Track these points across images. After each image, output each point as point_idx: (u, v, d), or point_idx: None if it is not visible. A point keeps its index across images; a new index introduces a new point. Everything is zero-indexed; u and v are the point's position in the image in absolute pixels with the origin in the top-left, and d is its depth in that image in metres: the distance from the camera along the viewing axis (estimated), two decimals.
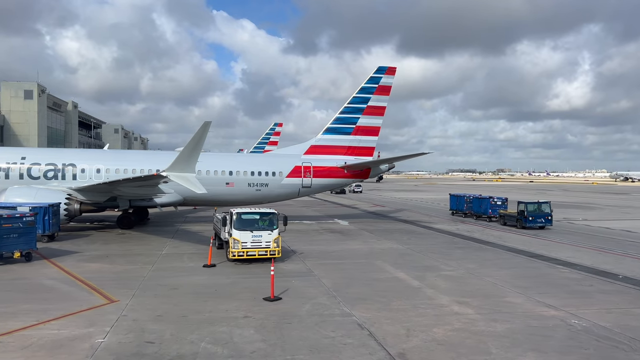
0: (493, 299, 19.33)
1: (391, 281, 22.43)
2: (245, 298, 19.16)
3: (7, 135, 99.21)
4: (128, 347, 13.75)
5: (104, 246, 31.60)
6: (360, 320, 16.33)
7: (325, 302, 18.62)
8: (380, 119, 48.37)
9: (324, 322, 16.20)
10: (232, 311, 17.37)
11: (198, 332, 15.09)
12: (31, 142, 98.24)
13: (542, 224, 42.75)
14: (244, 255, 25.74)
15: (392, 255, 29.06)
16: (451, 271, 24.72)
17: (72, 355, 13.12)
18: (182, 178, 29.00)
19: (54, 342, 14.10)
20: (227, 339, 14.53)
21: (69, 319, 16.24)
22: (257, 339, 14.50)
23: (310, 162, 46.08)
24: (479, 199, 51.29)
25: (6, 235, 24.86)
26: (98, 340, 14.27)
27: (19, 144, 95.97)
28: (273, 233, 26.26)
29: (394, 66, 48.49)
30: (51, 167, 40.42)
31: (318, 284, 21.59)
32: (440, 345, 14.15)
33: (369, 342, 14.35)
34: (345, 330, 15.30)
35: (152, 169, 41.59)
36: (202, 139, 28.62)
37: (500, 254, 30.29)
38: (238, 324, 15.88)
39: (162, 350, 13.54)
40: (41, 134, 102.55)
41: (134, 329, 15.26)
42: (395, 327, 15.65)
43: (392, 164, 49.49)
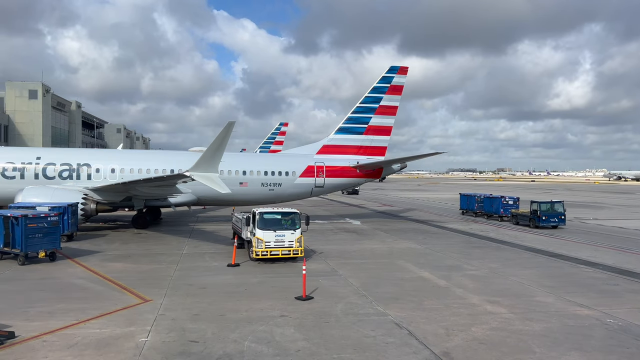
0: (523, 298, 19.42)
1: (418, 281, 22.52)
2: (277, 297, 19.23)
3: (11, 135, 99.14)
4: (173, 346, 13.84)
5: (124, 246, 31.68)
6: (396, 320, 16.43)
7: (358, 302, 18.71)
8: (392, 119, 48.47)
9: (361, 321, 16.29)
10: (267, 310, 17.46)
11: (239, 331, 15.18)
12: (36, 142, 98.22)
13: (556, 224, 42.85)
14: (268, 255, 25.85)
15: (412, 255, 29.15)
16: (475, 271, 24.81)
17: (120, 354, 13.21)
18: (206, 178, 29.10)
19: (98, 341, 14.20)
20: (269, 337, 14.62)
21: (107, 318, 16.34)
22: (299, 338, 14.59)
23: (322, 161, 46.18)
24: (490, 198, 51.38)
25: (31, 235, 24.95)
26: (142, 339, 14.36)
27: (23, 143, 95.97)
28: (296, 233, 26.37)
29: (406, 66, 48.59)
30: (66, 167, 40.50)
31: (346, 284, 21.68)
32: (482, 344, 14.25)
33: (410, 341, 14.44)
34: (384, 330, 15.39)
35: (167, 169, 41.86)
36: (225, 139, 28.73)
37: (520, 253, 30.38)
38: (277, 323, 15.97)
39: (207, 350, 13.63)
40: (46, 134, 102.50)
41: (175, 328, 15.35)
42: (433, 327, 15.74)
43: (404, 164, 49.38)
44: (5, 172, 39.51)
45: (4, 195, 38.99)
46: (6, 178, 39.51)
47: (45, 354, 13.14)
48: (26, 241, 24.70)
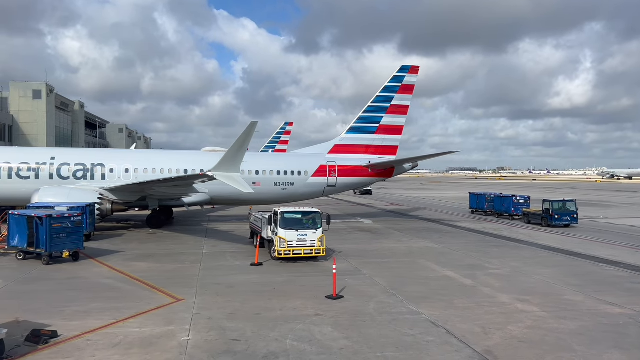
0: (552, 297, 19.55)
1: (443, 280, 22.65)
2: (308, 296, 19.35)
3: (15, 135, 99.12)
4: (216, 345, 13.96)
5: (143, 245, 31.80)
6: (431, 319, 16.55)
7: (389, 301, 18.83)
8: (403, 118, 48.59)
9: (396, 320, 16.41)
10: (301, 309, 17.58)
11: (278, 329, 15.30)
12: (40, 142, 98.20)
13: (568, 222, 43.00)
14: (290, 254, 25.97)
15: (432, 254, 29.28)
16: (497, 270, 24.94)
17: (166, 353, 13.33)
18: (228, 178, 29.23)
19: (141, 340, 14.32)
20: (309, 336, 14.74)
21: (144, 318, 16.46)
22: (339, 337, 14.71)
23: (335, 161, 46.30)
24: (501, 197, 51.52)
25: (56, 235, 25.07)
26: (184, 338, 14.49)
27: (27, 144, 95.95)
28: (317, 232, 26.51)
29: (417, 65, 48.68)
30: (80, 167, 40.59)
31: (372, 283, 21.80)
32: (521, 342, 14.37)
33: (450, 339, 14.56)
34: (421, 329, 15.52)
35: (181, 169, 42.01)
36: (247, 139, 28.86)
37: (538, 252, 30.52)
38: (313, 322, 16.09)
39: (251, 348, 13.75)
40: (50, 134, 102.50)
41: (214, 327, 15.47)
42: (469, 325, 15.86)
43: (415, 163, 49.50)
44: (20, 172, 39.61)
45: (18, 195, 39.08)
46: (21, 178, 39.61)
47: (92, 353, 13.26)
48: (51, 241, 24.83)
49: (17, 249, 26.20)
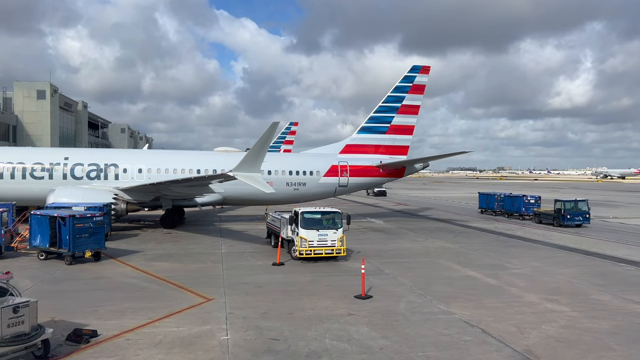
0: (579, 296, 19.65)
1: (467, 279, 22.73)
2: (336, 296, 19.44)
3: (20, 135, 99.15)
4: (256, 344, 14.05)
5: (160, 245, 31.86)
6: (464, 318, 16.64)
7: (418, 301, 18.92)
8: (414, 118, 48.66)
9: (430, 320, 16.50)
10: (332, 309, 17.67)
11: (314, 329, 15.38)
12: (44, 142, 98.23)
13: (580, 222, 43.13)
14: (312, 254, 26.05)
15: (450, 254, 29.36)
16: (519, 269, 25.03)
17: (209, 353, 13.42)
18: (249, 178, 29.31)
19: (181, 339, 14.41)
20: (346, 335, 14.83)
21: (179, 317, 16.54)
22: (377, 336, 14.79)
23: (346, 161, 46.38)
24: (511, 197, 51.63)
25: (78, 235, 25.14)
26: (223, 337, 14.57)
27: (31, 144, 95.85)
28: (338, 232, 26.59)
29: (428, 65, 48.76)
30: (94, 168, 40.68)
31: (397, 283, 21.88)
32: (559, 342, 14.46)
33: (487, 339, 14.65)
34: (457, 328, 15.60)
35: (194, 169, 42.12)
36: (269, 139, 28.96)
37: (555, 252, 30.62)
38: (348, 322, 16.17)
39: (292, 347, 13.83)
40: (54, 134, 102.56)
41: (250, 327, 15.55)
42: (503, 325, 15.95)
43: (426, 163, 49.59)
44: (34, 172, 39.68)
45: (32, 195, 39.16)
46: (35, 178, 39.68)
47: (135, 352, 13.34)
48: (74, 241, 24.89)
49: (39, 249, 26.27)
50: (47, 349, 12.72)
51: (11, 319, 11.75)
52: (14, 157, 40.22)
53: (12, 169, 39.40)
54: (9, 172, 39.32)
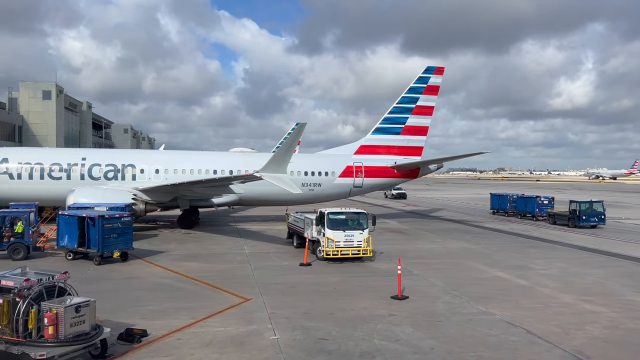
0: (614, 297, 19.76)
1: (497, 280, 22.84)
2: (372, 297, 19.55)
3: (25, 135, 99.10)
4: (307, 344, 14.15)
5: (183, 246, 31.96)
6: (505, 319, 16.75)
7: (454, 301, 19.03)
8: (428, 119, 48.81)
9: (472, 320, 16.60)
10: (372, 309, 17.77)
11: (360, 329, 15.49)
12: (49, 143, 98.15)
13: (595, 223, 43.26)
14: (338, 255, 26.15)
15: (473, 255, 29.48)
16: (546, 270, 25.14)
17: (262, 352, 13.53)
18: (276, 178, 29.44)
19: (230, 339, 14.52)
20: (393, 336, 14.93)
21: (222, 317, 16.65)
22: (424, 336, 14.89)
23: (361, 162, 46.50)
24: (524, 198, 51.76)
25: (107, 235, 25.23)
26: (272, 337, 14.69)
27: (37, 144, 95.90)
28: (364, 233, 26.70)
29: (442, 66, 48.95)
30: (111, 168, 40.78)
31: (429, 283, 21.99)
32: (606, 343, 14.58)
33: (534, 339, 14.76)
34: (501, 329, 15.71)
35: (210, 170, 42.26)
36: (296, 140, 29.08)
37: (576, 253, 30.74)
38: (391, 322, 16.27)
39: (343, 347, 13.94)
40: (59, 135, 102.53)
41: (296, 327, 15.66)
42: (546, 326, 16.05)
43: (440, 164, 49.73)
44: (52, 173, 39.77)
45: (50, 195, 39.30)
46: (53, 179, 39.77)
47: (190, 352, 13.44)
48: (103, 241, 24.97)
49: (67, 249, 26.35)
50: (105, 348, 12.82)
51: (73, 318, 11.86)
52: (32, 158, 40.32)
53: (31, 169, 39.49)
54: (27, 172, 39.42)
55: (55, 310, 11.61)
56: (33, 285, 12.04)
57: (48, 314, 11.54)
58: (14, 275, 12.81)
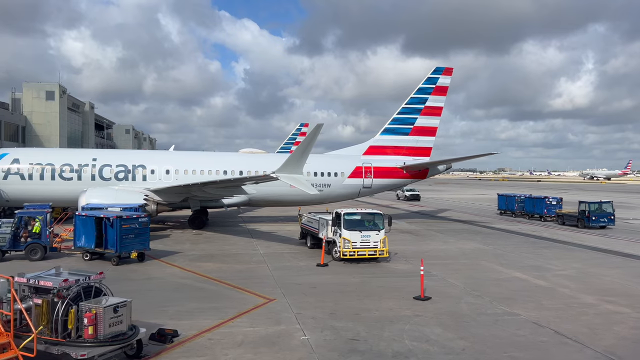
0: (635, 298, 19.84)
1: (515, 281, 22.89)
2: (395, 297, 19.62)
3: (29, 136, 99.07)
4: (338, 344, 14.21)
5: (196, 246, 31.99)
6: (531, 319, 16.81)
7: (477, 302, 19.08)
8: (437, 119, 48.88)
9: (498, 321, 16.67)
10: (397, 310, 17.82)
11: (388, 329, 15.55)
12: (52, 143, 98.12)
13: (605, 224, 43.33)
14: (355, 255, 26.20)
15: (488, 256, 29.53)
16: (563, 271, 25.20)
17: (295, 352, 13.58)
18: (292, 179, 29.50)
19: (261, 338, 14.59)
20: (423, 336, 14.98)
21: (249, 317, 16.71)
22: (453, 337, 14.95)
23: (370, 162, 46.56)
24: (532, 198, 51.83)
25: (125, 235, 25.27)
26: (302, 337, 14.75)
27: (40, 144, 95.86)
28: (380, 233, 26.76)
29: (450, 67, 48.98)
30: (122, 169, 40.83)
31: (448, 284, 22.04)
32: (635, 343, 14.69)
33: (563, 340, 14.82)
34: (529, 329, 15.77)
35: (220, 170, 42.35)
36: (313, 141, 29.12)
37: (589, 253, 30.82)
38: (418, 322, 16.33)
39: (375, 347, 14.01)
40: (62, 135, 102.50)
41: (325, 327, 15.72)
42: (573, 326, 16.11)
43: (449, 165, 49.79)
44: (63, 173, 39.81)
45: (61, 196, 39.36)
46: (64, 179, 39.81)
47: (223, 352, 13.51)
48: (121, 242, 25.02)
49: (84, 250, 26.39)
50: (140, 348, 12.87)
51: (112, 318, 11.92)
52: (43, 158, 40.36)
53: (42, 169, 39.52)
54: (39, 173, 39.47)
55: (94, 311, 11.66)
56: (71, 285, 12.08)
57: (88, 314, 11.59)
58: (49, 275, 12.86)
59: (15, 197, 39.65)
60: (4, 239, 25.69)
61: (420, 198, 79.57)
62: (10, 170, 39.08)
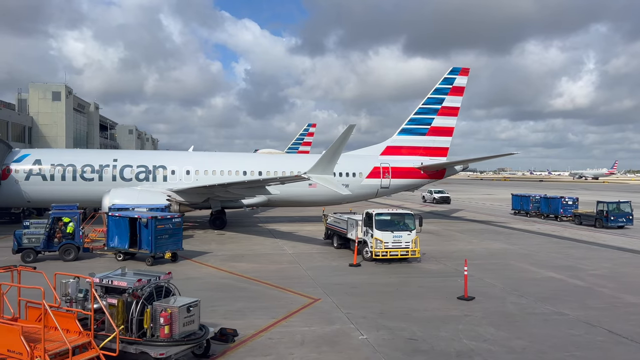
0: None
1: (552, 281, 23.00)
2: (438, 297, 19.73)
3: (35, 136, 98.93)
4: (398, 344, 14.33)
5: (224, 246, 32.06)
6: (581, 319, 16.93)
7: (521, 302, 19.19)
8: (454, 120, 49.00)
9: (547, 320, 16.78)
10: (445, 310, 17.92)
11: (443, 329, 15.65)
12: (59, 144, 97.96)
13: (623, 224, 43.47)
14: (387, 255, 26.30)
15: (515, 256, 29.64)
16: (595, 270, 25.32)
17: (358, 351, 13.71)
18: (323, 179, 29.60)
19: (320, 338, 14.70)
20: (479, 336, 15.09)
21: (300, 317, 16.82)
22: (510, 336, 15.05)
23: (388, 162, 46.67)
24: (548, 198, 51.96)
25: (159, 236, 25.35)
26: (360, 337, 14.85)
27: (46, 145, 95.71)
28: (412, 234, 26.85)
29: (467, 67, 49.10)
30: (142, 169, 40.90)
31: (486, 284, 22.14)
32: None
33: (620, 340, 14.95)
34: (582, 329, 15.88)
35: (240, 171, 42.52)
36: (344, 141, 29.21)
37: (617, 253, 30.94)
38: (470, 322, 16.43)
39: (436, 347, 14.11)
40: (68, 136, 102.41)
41: (378, 327, 15.83)
42: (624, 325, 16.23)
43: (466, 165, 49.92)
44: (84, 174, 39.87)
45: (82, 196, 39.32)
46: (85, 180, 39.87)
47: (288, 351, 13.61)
48: (156, 242, 25.09)
49: (117, 250, 26.47)
50: (209, 348, 12.95)
51: (186, 318, 12.01)
52: (64, 159, 40.41)
53: (63, 170, 39.57)
54: (60, 173, 39.51)
55: (170, 310, 11.75)
56: (145, 285, 12.17)
57: (163, 313, 11.68)
58: (117, 275, 12.95)
59: (36, 198, 39.77)
60: (38, 239, 25.74)
61: (450, 200, 73.04)
62: (32, 171, 39.14)
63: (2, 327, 10.74)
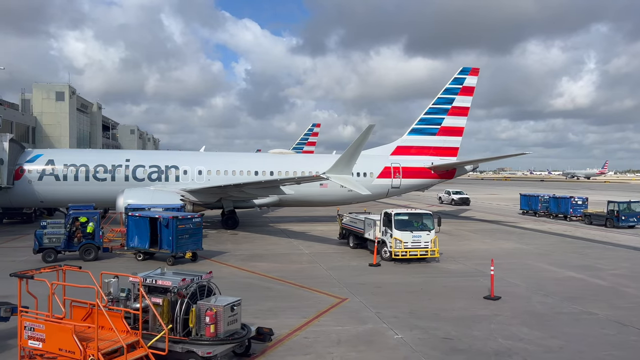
0: None
1: (574, 280, 23.08)
2: (465, 297, 19.79)
3: (39, 136, 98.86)
4: (434, 343, 14.39)
5: (240, 246, 32.09)
6: (611, 318, 17.01)
7: (548, 301, 19.27)
8: (464, 119, 49.05)
9: (578, 320, 16.86)
10: (473, 309, 17.98)
11: (476, 329, 15.72)
12: (62, 144, 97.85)
13: (634, 224, 43.56)
14: (407, 255, 26.36)
15: (531, 255, 29.72)
16: (615, 270, 25.41)
17: (396, 351, 13.78)
18: (342, 179, 29.64)
19: (356, 337, 14.78)
20: (514, 335, 15.16)
21: (331, 316, 16.90)
22: (544, 336, 15.11)
23: (398, 162, 46.72)
24: (557, 198, 52.04)
25: (180, 236, 25.39)
26: (395, 336, 14.90)
27: (50, 145, 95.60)
28: (431, 234, 26.91)
29: (477, 67, 49.18)
30: (155, 169, 40.95)
31: (510, 284, 22.20)
32: None
33: None
34: (614, 329, 15.96)
35: (252, 171, 42.56)
36: (364, 141, 29.26)
37: (633, 253, 31.11)
38: (502, 322, 16.50)
39: (474, 346, 14.18)
40: (72, 136, 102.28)
41: (411, 326, 15.88)
42: None
43: (476, 165, 50.01)
44: (97, 174, 39.90)
45: (95, 196, 39.30)
46: (98, 180, 39.91)
47: (327, 350, 13.67)
48: (176, 242, 25.13)
49: (137, 250, 26.50)
50: (249, 347, 13.00)
51: (230, 317, 12.06)
52: (76, 159, 40.45)
53: (76, 170, 39.60)
54: (73, 174, 39.53)
55: (215, 309, 11.79)
56: (189, 284, 12.22)
57: (209, 312, 11.73)
58: (158, 275, 12.98)
59: (49, 198, 39.83)
60: (59, 239, 25.78)
61: (469, 202, 69.55)
62: (45, 171, 39.16)
63: (54, 326, 10.78)
